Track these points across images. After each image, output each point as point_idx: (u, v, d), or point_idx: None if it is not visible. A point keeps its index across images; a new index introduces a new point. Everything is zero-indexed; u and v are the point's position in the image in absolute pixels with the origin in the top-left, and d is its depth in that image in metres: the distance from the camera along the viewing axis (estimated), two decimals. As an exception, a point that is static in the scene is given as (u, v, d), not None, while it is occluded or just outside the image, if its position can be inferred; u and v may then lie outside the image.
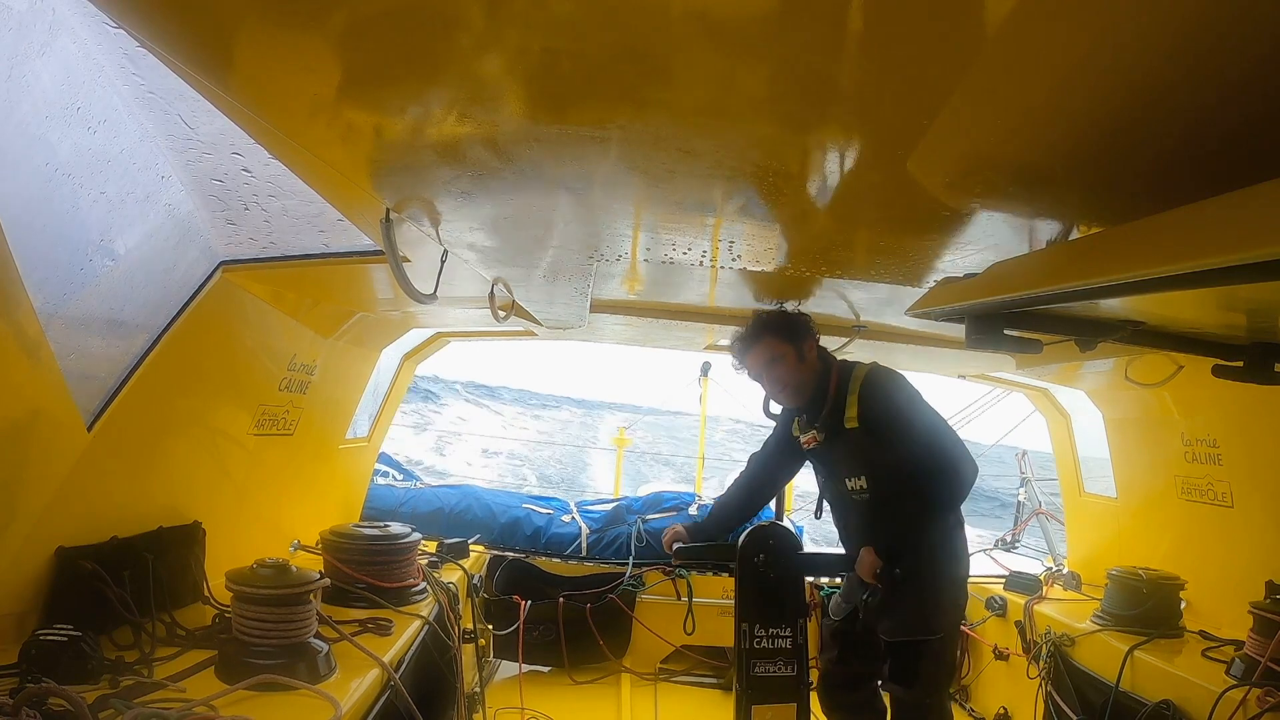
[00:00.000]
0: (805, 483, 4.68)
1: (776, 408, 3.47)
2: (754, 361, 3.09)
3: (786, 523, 4.56)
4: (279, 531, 3.38)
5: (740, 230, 2.01)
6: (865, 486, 3.03)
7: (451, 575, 3.71)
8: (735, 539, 3.09)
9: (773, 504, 5.08)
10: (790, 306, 3.16)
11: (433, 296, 2.31)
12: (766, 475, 3.50)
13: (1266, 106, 1.01)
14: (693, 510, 5.14)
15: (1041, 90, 1.05)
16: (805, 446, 3.21)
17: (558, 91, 1.17)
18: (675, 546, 3.28)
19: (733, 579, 3.06)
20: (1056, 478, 4.95)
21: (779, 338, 3.03)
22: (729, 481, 3.69)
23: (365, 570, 3.07)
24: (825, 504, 3.31)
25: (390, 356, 4.49)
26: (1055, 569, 4.62)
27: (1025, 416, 5.45)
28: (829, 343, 3.65)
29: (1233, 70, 0.93)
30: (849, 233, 2.02)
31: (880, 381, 2.97)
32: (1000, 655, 4.25)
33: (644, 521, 4.98)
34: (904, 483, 2.80)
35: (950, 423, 2.98)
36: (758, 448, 3.55)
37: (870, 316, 3.41)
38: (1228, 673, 2.85)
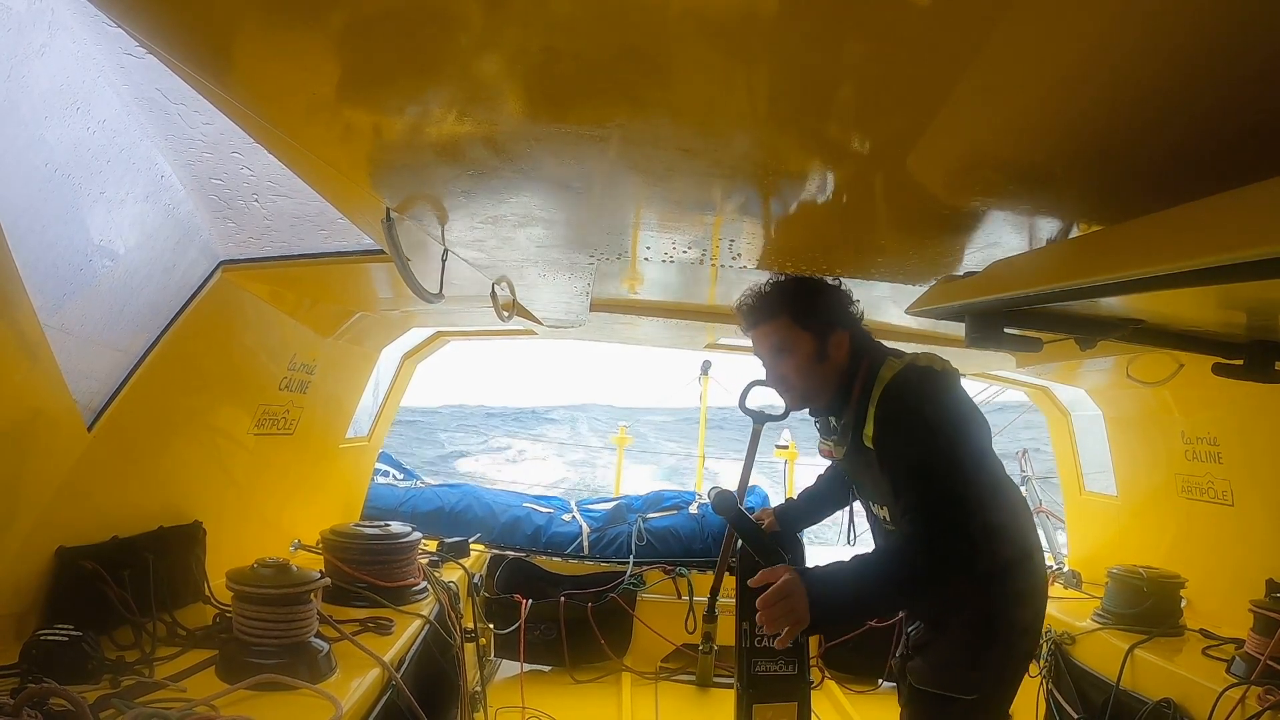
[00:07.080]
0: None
1: (761, 401, 3.14)
2: (759, 341, 2.33)
3: None
4: (279, 531, 3.39)
5: (740, 229, 2.01)
6: (889, 518, 2.27)
7: (452, 574, 3.71)
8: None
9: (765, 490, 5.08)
10: (831, 280, 2.40)
11: (439, 295, 2.31)
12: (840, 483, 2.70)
13: (1269, 107, 1.00)
14: (693, 509, 5.14)
15: (1042, 89, 1.05)
16: (827, 456, 2.50)
17: (557, 91, 1.16)
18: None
19: (734, 578, 3.05)
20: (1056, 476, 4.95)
21: (797, 322, 2.24)
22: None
23: (366, 569, 3.07)
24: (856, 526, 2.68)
25: (390, 356, 4.49)
26: (1056, 567, 4.61)
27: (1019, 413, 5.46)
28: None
29: (1236, 72, 0.93)
30: (848, 231, 2.02)
31: (901, 393, 2.10)
32: (1001, 654, 4.25)
33: (644, 520, 4.98)
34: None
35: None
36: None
37: (870, 315, 3.39)
38: (1228, 671, 2.84)
